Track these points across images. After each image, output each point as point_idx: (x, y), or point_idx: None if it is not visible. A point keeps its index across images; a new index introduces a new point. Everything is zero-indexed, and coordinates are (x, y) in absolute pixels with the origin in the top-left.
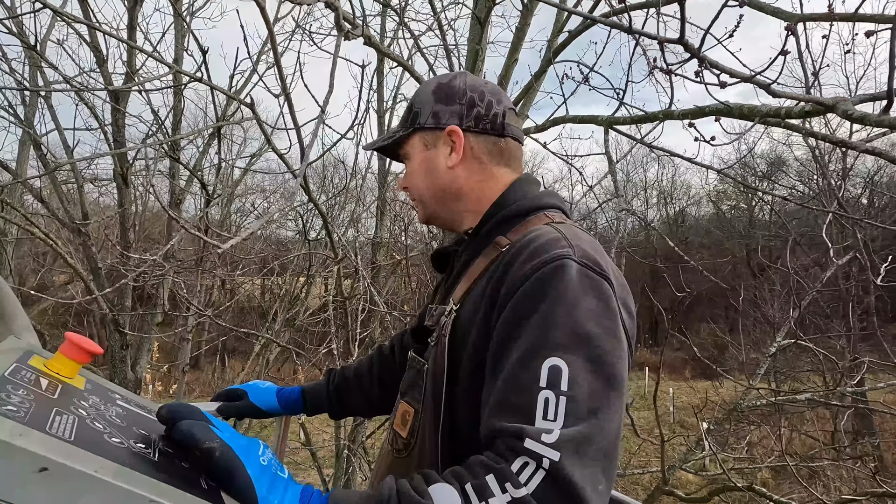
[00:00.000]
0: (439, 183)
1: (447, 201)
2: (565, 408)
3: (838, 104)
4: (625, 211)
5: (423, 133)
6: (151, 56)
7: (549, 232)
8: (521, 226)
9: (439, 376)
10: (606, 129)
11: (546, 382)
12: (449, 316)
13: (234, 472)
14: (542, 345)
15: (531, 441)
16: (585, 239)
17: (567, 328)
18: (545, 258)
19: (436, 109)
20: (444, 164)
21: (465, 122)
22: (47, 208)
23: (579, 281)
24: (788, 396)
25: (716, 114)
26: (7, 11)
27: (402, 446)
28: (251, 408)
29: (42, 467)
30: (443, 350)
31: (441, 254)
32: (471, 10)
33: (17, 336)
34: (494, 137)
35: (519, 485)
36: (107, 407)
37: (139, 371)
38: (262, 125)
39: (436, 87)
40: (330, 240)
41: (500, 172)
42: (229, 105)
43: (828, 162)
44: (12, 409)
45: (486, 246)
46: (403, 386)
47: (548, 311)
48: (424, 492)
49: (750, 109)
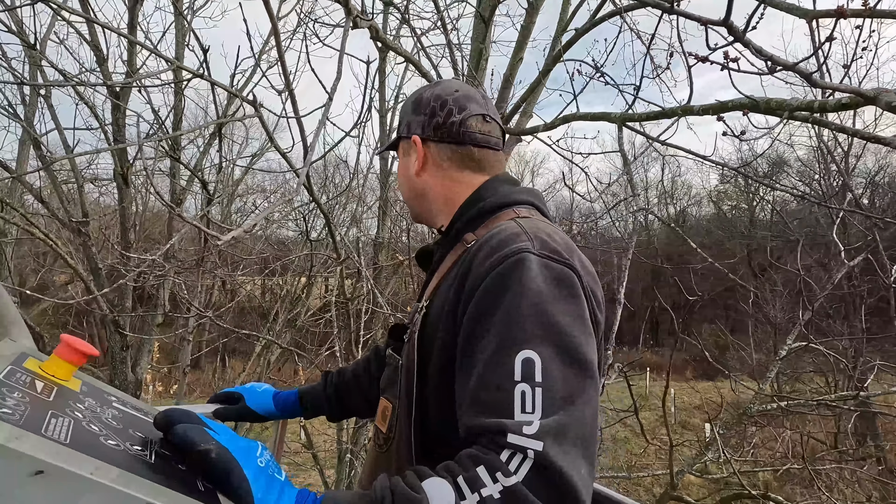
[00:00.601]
0: (411, 186)
1: (420, 202)
2: (542, 398)
3: (880, 95)
4: (642, 211)
5: (403, 141)
6: (152, 52)
7: (510, 227)
8: (489, 222)
9: (411, 372)
10: (620, 126)
11: (521, 376)
12: (420, 313)
13: (230, 474)
14: (511, 339)
15: (513, 435)
16: (547, 230)
17: (534, 320)
18: (504, 253)
19: (409, 120)
20: (411, 169)
21: (425, 132)
22: (47, 208)
23: (540, 272)
24: (798, 400)
25: (740, 108)
26: (3, 4)
27: (382, 441)
28: (247, 412)
29: (38, 470)
30: (413, 346)
31: (425, 252)
32: (475, 8)
33: (12, 338)
34: (453, 145)
35: (509, 473)
36: (103, 409)
37: (140, 372)
38: (264, 122)
39: (415, 99)
40: (332, 240)
41: (465, 177)
42: (230, 103)
43: (829, 162)
44: (7, 412)
45: (456, 243)
46: (383, 382)
47: (511, 305)
48: (418, 487)
49: (779, 103)
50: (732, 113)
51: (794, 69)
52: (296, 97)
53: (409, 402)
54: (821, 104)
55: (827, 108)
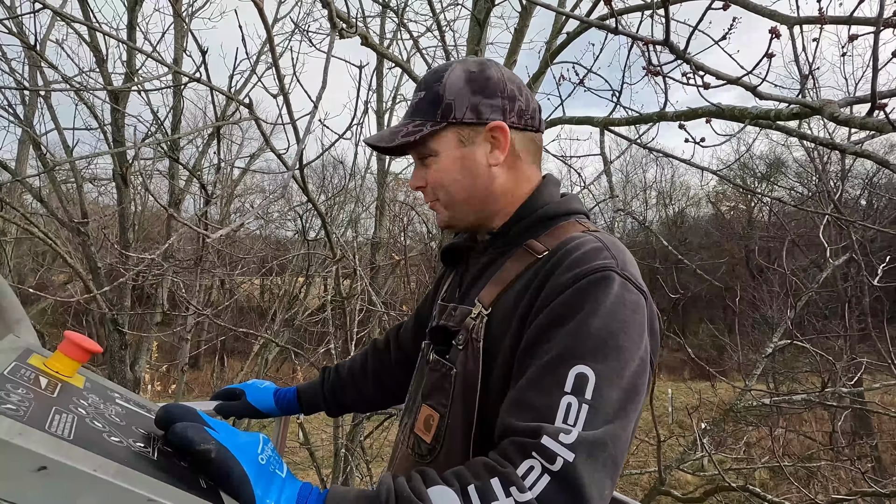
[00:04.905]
0: (477, 182)
1: (481, 202)
2: (586, 415)
3: (825, 107)
4: (620, 212)
5: (458, 127)
6: (151, 56)
7: (590, 241)
8: (554, 231)
9: (471, 382)
10: (602, 130)
11: (571, 388)
12: (478, 319)
13: (230, 473)
14: (572, 352)
15: (549, 439)
16: (624, 250)
17: (600, 339)
18: (588, 268)
19: (474, 102)
20: (484, 161)
21: (508, 118)
22: (46, 208)
23: (619, 293)
24: (784, 397)
25: (708, 115)
26: (7, 11)
27: (425, 451)
28: (248, 408)
29: (41, 466)
30: (476, 355)
31: (454, 249)
32: (470, 11)
33: (17, 335)
34: (533, 134)
35: (524, 489)
36: (106, 406)
37: (138, 370)
38: (260, 125)
39: (468, 77)
40: (329, 240)
41: (531, 171)
42: (228, 105)
43: (826, 163)
44: (11, 408)
45: (515, 248)
46: (425, 389)
47: (584, 319)
48: (423, 493)
49: (741, 111)
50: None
51: (737, 83)
52: (290, 101)
53: (466, 413)
54: (776, 113)
55: (780, 117)
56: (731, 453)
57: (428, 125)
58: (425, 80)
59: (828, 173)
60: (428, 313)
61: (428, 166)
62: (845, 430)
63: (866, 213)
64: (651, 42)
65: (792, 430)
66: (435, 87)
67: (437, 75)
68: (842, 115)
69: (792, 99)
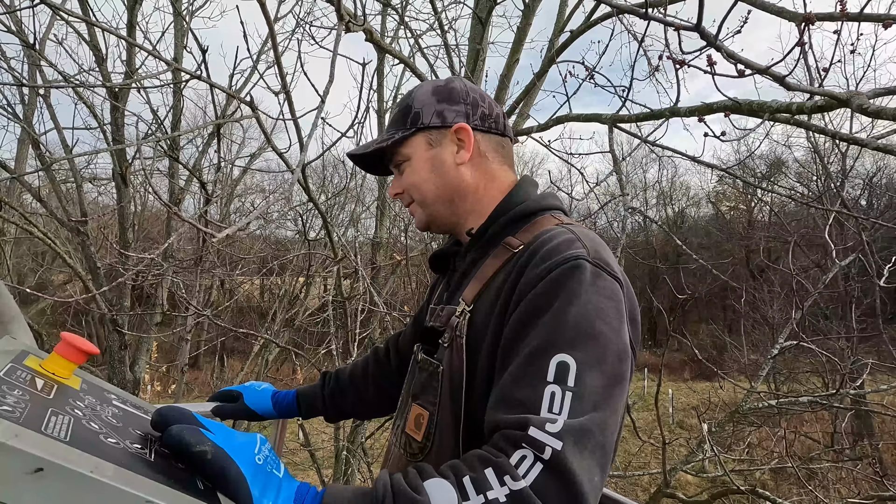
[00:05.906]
0: (446, 180)
1: (451, 201)
2: (570, 402)
3: (853, 98)
4: (631, 210)
5: (426, 132)
6: (151, 53)
7: (562, 233)
8: (530, 226)
9: (457, 378)
10: (610, 127)
11: (553, 377)
12: (462, 317)
13: (227, 473)
14: (551, 342)
15: (535, 430)
16: (597, 240)
17: (578, 326)
18: (560, 258)
19: (439, 109)
20: (451, 161)
21: (472, 120)
22: (46, 207)
23: (592, 281)
24: (790, 399)
25: (724, 110)
26: (4, 6)
27: (417, 450)
28: (246, 410)
29: (37, 468)
30: (459, 351)
31: (440, 255)
32: (472, 9)
33: (13, 336)
34: (498, 136)
35: (518, 477)
36: (103, 407)
37: (138, 371)
38: (261, 123)
39: (434, 89)
40: (329, 240)
41: (502, 172)
42: (229, 104)
43: (828, 163)
44: (7, 410)
45: (494, 246)
46: (415, 388)
47: (560, 309)
48: (419, 487)
49: (759, 105)
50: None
51: (766, 72)
52: (292, 99)
53: (454, 409)
54: (798, 106)
55: (804, 111)
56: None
57: (399, 132)
58: (399, 101)
59: (830, 174)
60: (424, 319)
61: (403, 172)
62: (847, 430)
63: (866, 212)
64: (682, 27)
65: (794, 430)
66: (406, 102)
67: (409, 93)
68: (871, 107)
69: (818, 90)
